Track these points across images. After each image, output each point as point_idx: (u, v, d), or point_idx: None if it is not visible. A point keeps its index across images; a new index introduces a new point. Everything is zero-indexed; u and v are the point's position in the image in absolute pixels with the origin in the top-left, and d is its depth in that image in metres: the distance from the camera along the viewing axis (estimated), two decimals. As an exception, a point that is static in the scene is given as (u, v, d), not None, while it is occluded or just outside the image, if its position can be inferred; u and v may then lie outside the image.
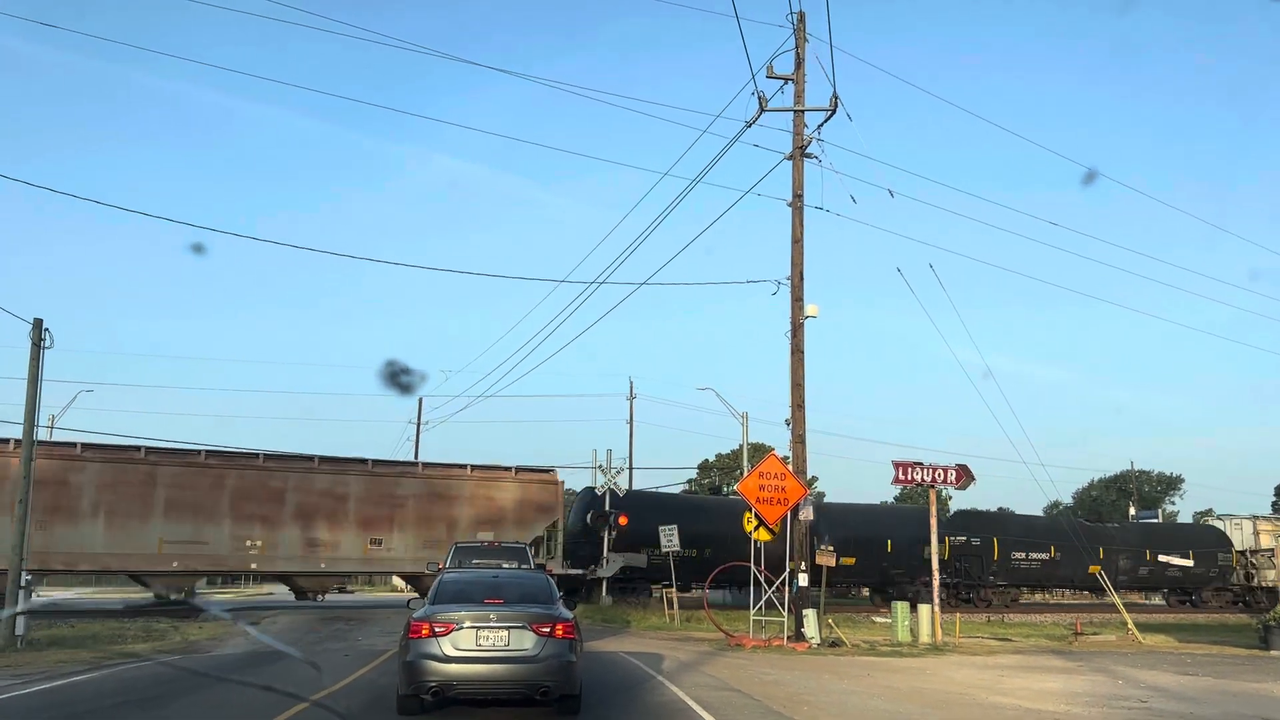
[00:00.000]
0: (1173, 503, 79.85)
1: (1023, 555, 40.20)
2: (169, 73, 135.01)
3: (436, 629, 10.50)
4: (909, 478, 23.95)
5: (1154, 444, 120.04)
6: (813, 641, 21.16)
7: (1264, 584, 45.06)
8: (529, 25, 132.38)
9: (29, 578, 19.75)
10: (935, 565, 24.10)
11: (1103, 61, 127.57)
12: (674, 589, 29.50)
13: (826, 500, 49.19)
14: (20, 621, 18.78)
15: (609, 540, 32.61)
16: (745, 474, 25.26)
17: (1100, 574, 33.85)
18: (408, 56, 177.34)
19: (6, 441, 26.19)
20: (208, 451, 29.54)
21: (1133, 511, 61.15)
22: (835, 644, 21.57)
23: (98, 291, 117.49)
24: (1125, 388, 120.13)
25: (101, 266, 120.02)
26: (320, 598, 32.48)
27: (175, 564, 28.26)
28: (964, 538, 39.31)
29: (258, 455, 29.91)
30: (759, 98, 23.06)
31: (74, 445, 28.45)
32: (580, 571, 32.41)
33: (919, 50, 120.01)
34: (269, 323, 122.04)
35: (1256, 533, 45.88)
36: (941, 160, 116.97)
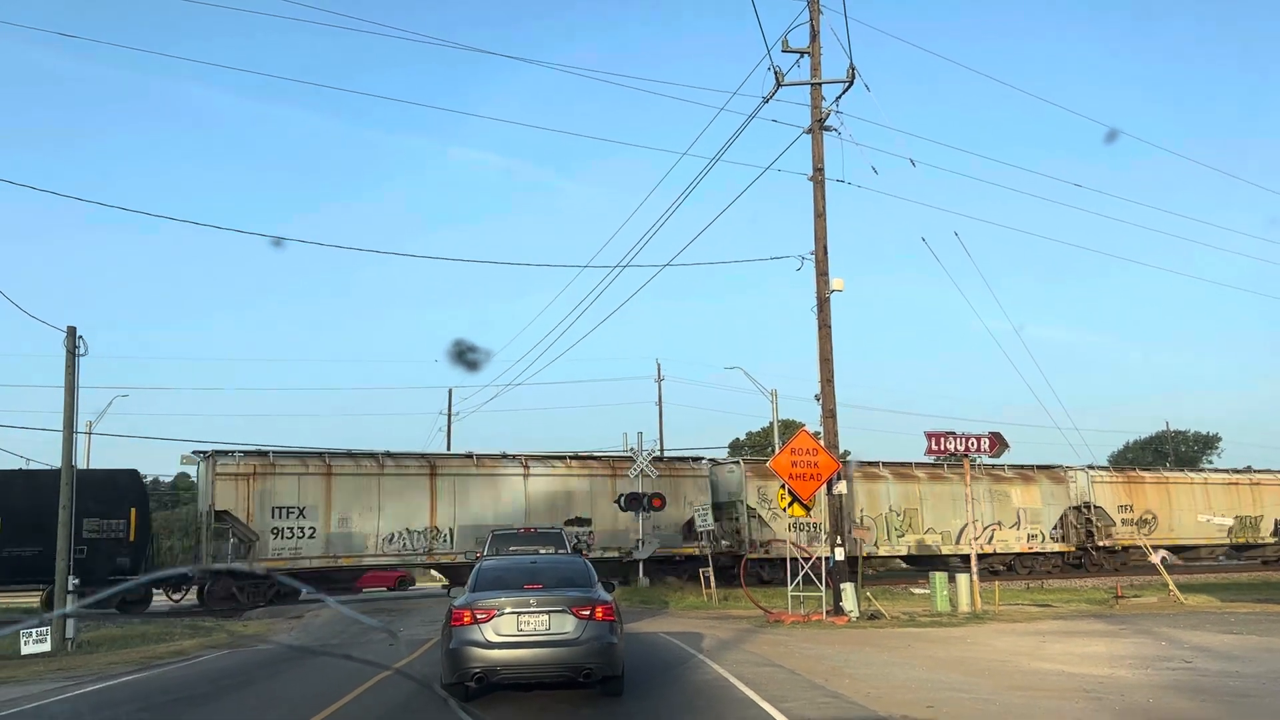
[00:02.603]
0: (1210, 461, 78.97)
1: None
2: (186, 77, 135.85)
3: (478, 615, 10.60)
4: (942, 448, 23.88)
5: (1190, 403, 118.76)
6: (852, 615, 21.17)
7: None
8: (540, 12, 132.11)
9: (76, 581, 20.08)
10: (973, 535, 24.04)
11: (1119, 20, 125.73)
12: (710, 568, 29.57)
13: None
14: (70, 624, 19.12)
15: (643, 522, 32.70)
16: (777, 451, 25.25)
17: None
18: (420, 49, 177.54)
19: None
20: None
21: None
22: (874, 617, 21.57)
23: (129, 297, 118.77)
24: (1159, 348, 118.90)
25: (132, 272, 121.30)
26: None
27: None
28: None
29: None
30: (775, 73, 22.94)
31: None
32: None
33: (934, 15, 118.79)
34: (296, 320, 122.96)
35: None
36: (962, 127, 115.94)
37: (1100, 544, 40.48)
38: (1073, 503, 40.97)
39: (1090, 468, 41.64)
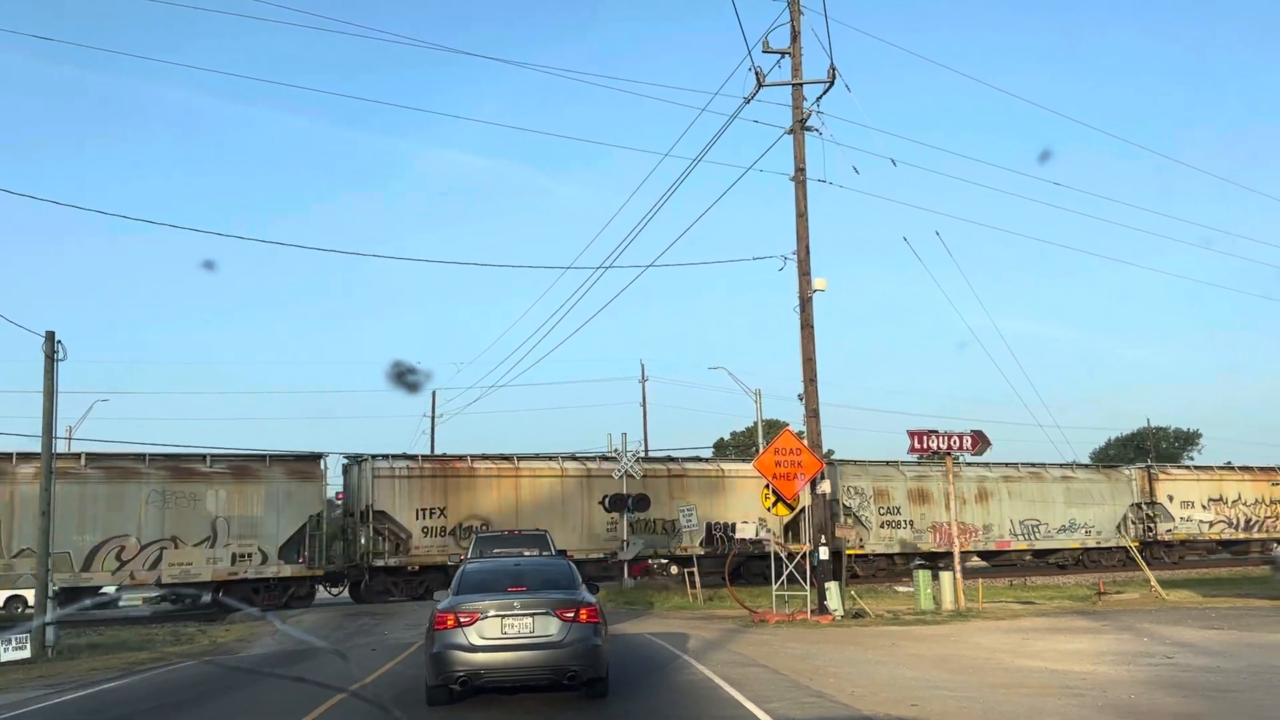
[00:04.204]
0: (1191, 458, 79.50)
1: None
2: (165, 80, 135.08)
3: (462, 619, 10.57)
4: (924, 446, 23.96)
5: (1173, 399, 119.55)
6: (836, 614, 21.22)
7: None
8: (522, 13, 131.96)
9: (56, 588, 19.91)
10: (955, 531, 24.13)
11: (1106, 15, 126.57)
12: (695, 568, 29.60)
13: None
14: (50, 631, 18.96)
15: (628, 523, 32.74)
16: (761, 451, 25.29)
17: None
18: (402, 51, 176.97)
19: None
20: None
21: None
22: (859, 615, 21.63)
23: (109, 301, 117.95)
24: (1141, 344, 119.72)
25: (111, 276, 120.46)
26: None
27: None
28: None
29: None
30: (756, 73, 22.98)
31: None
32: None
33: (915, 16, 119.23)
34: (281, 324, 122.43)
35: None
36: (943, 126, 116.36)
37: (382, 563, 29.89)
38: (350, 509, 31.52)
39: (384, 457, 30.85)
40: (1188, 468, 45.12)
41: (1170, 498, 42.01)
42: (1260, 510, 44.22)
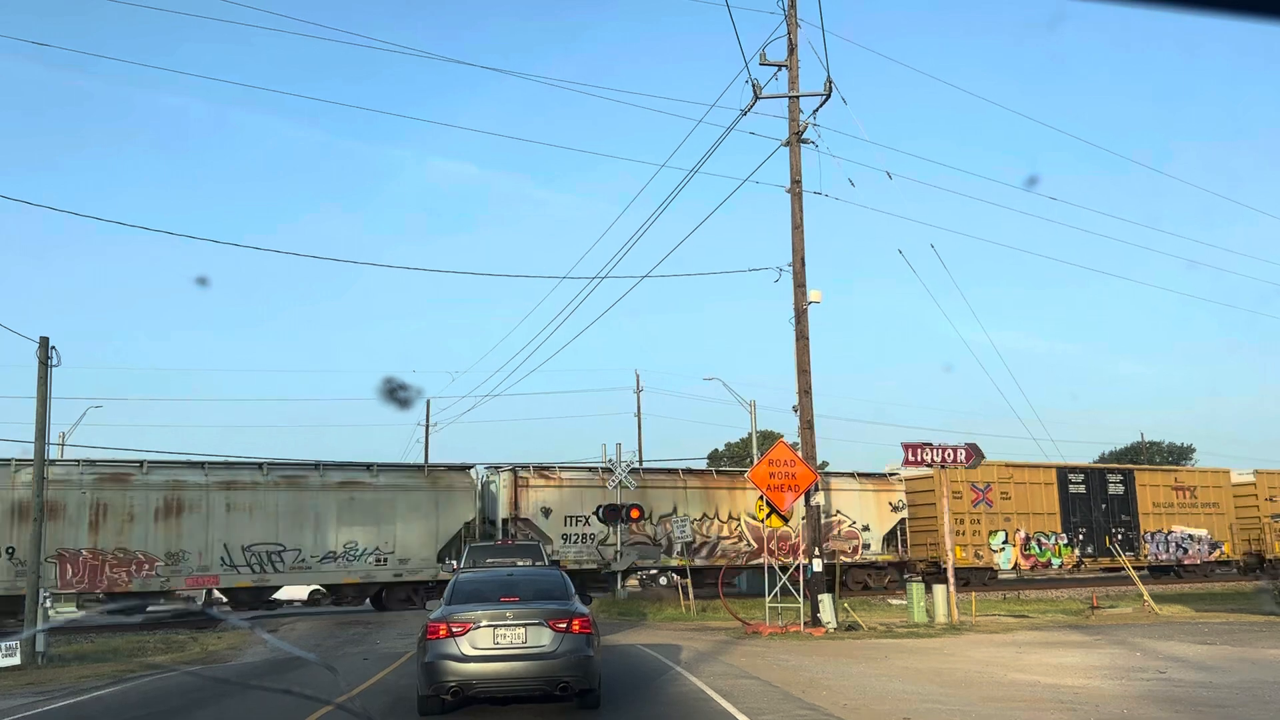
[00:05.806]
0: (1183, 473, 79.42)
1: None
2: (157, 86, 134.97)
3: (454, 629, 10.56)
4: (919, 459, 23.96)
5: (1164, 413, 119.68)
6: (829, 626, 21.20)
7: None
8: (516, 23, 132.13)
9: (48, 595, 19.83)
10: (949, 544, 24.12)
11: (1105, 27, 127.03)
12: (689, 579, 29.58)
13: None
14: (40, 638, 18.88)
15: (621, 533, 32.69)
16: (755, 462, 25.29)
17: None
18: (396, 59, 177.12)
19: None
20: None
21: None
22: (852, 628, 21.60)
23: (103, 308, 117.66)
24: (1133, 359, 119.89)
25: (105, 282, 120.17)
26: None
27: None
28: None
29: None
30: (753, 85, 23.04)
31: None
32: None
33: (911, 29, 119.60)
34: (275, 332, 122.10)
35: None
36: (939, 139, 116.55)
37: None
38: None
39: None
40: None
41: (546, 512, 30.17)
42: (727, 527, 32.88)
